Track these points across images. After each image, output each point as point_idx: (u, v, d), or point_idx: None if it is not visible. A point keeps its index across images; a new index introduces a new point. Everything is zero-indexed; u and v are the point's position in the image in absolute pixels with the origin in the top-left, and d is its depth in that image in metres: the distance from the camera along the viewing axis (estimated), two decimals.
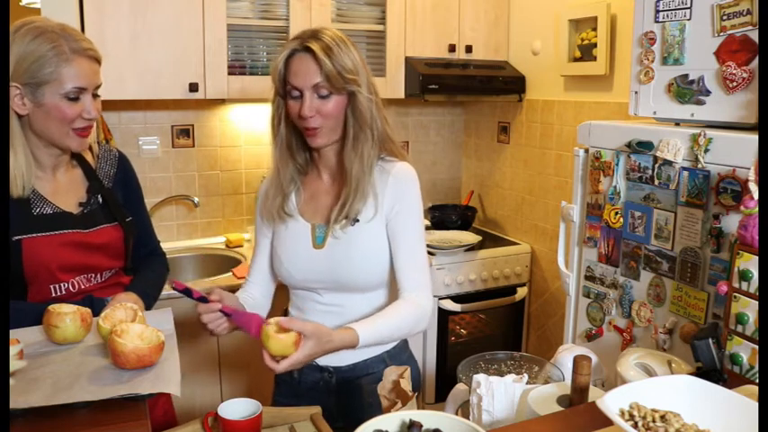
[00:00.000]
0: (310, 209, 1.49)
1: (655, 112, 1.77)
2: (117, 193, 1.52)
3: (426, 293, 1.44)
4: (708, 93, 1.63)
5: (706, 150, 1.54)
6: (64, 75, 1.30)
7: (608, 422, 0.92)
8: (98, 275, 1.45)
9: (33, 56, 1.28)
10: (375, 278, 1.45)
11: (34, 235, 1.34)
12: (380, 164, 1.45)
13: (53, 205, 1.39)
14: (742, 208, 1.28)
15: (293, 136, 1.46)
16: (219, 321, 1.32)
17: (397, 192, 1.43)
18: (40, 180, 1.40)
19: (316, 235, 1.45)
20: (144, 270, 1.57)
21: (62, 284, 1.38)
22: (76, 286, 1.40)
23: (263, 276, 1.58)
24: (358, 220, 1.42)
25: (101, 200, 1.48)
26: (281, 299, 1.63)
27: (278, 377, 1.59)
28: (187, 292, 1.28)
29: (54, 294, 1.37)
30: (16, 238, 1.32)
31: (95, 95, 1.38)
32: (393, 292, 1.50)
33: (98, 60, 1.38)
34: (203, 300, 1.30)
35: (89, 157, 1.51)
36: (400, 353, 1.54)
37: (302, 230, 1.47)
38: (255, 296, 1.57)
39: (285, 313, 1.62)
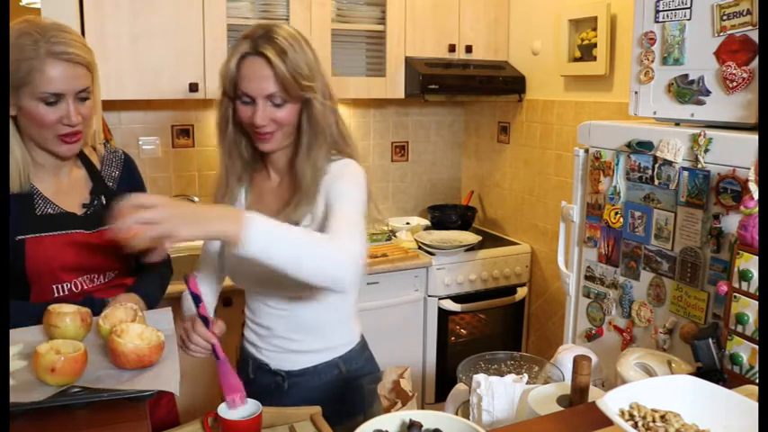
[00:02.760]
0: (256, 210, 1.43)
1: (655, 112, 1.77)
2: (121, 194, 1.52)
3: (348, 239, 1.21)
4: (708, 93, 1.63)
5: (706, 150, 1.54)
6: (37, 78, 1.25)
7: (608, 422, 0.92)
8: (101, 276, 1.45)
9: (12, 56, 1.25)
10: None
11: (37, 235, 1.34)
12: (326, 167, 1.37)
13: (55, 206, 1.39)
14: (742, 208, 1.28)
15: (242, 136, 1.40)
16: (203, 352, 1.28)
17: (331, 183, 1.34)
18: (43, 181, 1.40)
19: None
20: (147, 272, 1.56)
21: (64, 285, 1.38)
22: (79, 287, 1.40)
23: (208, 276, 1.54)
24: (298, 224, 1.34)
25: (104, 201, 1.48)
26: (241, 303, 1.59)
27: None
28: (195, 299, 1.22)
29: (56, 294, 1.37)
30: (19, 237, 1.32)
31: (83, 99, 1.33)
32: (347, 299, 1.46)
33: (84, 64, 1.31)
34: (205, 320, 1.25)
35: (94, 159, 1.51)
36: (357, 357, 1.50)
37: None
38: (204, 293, 1.47)
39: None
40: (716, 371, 1.19)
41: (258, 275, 1.36)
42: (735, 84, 1.55)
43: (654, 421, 0.90)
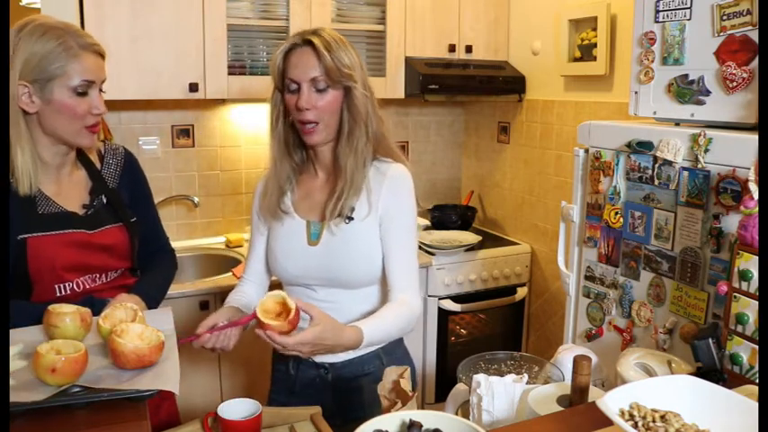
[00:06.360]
0: (305, 206, 1.50)
1: (655, 112, 1.77)
2: (123, 192, 1.52)
3: (416, 295, 1.46)
4: (708, 93, 1.62)
5: (706, 150, 1.54)
6: (72, 69, 1.31)
7: (608, 422, 0.92)
8: (103, 276, 1.45)
9: (41, 53, 1.29)
10: (370, 275, 1.47)
11: (39, 234, 1.34)
12: (375, 164, 1.47)
13: (57, 205, 1.39)
14: (742, 208, 1.28)
15: (291, 133, 1.48)
16: (218, 339, 1.36)
17: (392, 193, 1.45)
18: (44, 181, 1.40)
19: (310, 232, 1.47)
20: (150, 271, 1.56)
21: (66, 284, 1.38)
22: (81, 286, 1.40)
23: (257, 275, 1.60)
24: (352, 218, 1.43)
25: (105, 201, 1.48)
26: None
27: (274, 375, 1.59)
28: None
29: (59, 294, 1.37)
30: (21, 237, 1.32)
31: (101, 90, 1.39)
32: (386, 288, 1.51)
33: (102, 56, 1.39)
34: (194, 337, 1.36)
35: (94, 158, 1.51)
36: (395, 349, 1.54)
37: (297, 227, 1.48)
38: (250, 294, 1.58)
39: None
40: (716, 371, 1.19)
41: (331, 279, 1.46)
42: (735, 84, 1.55)
43: (654, 421, 0.90)
